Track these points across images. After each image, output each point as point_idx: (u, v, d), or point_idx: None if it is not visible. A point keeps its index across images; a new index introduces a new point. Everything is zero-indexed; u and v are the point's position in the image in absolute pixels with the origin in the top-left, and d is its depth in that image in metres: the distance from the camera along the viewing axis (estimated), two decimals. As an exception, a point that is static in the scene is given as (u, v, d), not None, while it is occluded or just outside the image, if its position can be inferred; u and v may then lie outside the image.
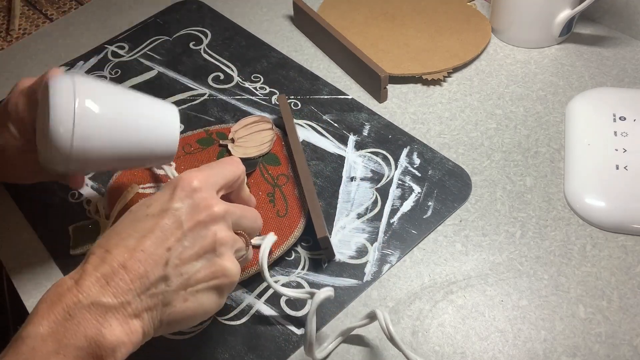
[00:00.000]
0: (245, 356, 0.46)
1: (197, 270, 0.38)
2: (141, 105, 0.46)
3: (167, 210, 0.39)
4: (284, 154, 0.58)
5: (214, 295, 0.40)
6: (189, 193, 0.39)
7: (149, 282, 0.37)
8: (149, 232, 0.38)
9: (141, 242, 0.37)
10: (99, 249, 0.38)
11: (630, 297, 0.46)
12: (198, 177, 0.40)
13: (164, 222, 0.38)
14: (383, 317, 0.42)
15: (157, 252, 0.37)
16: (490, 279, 0.48)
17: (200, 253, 0.39)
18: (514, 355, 0.44)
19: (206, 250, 0.39)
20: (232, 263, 0.40)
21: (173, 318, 0.38)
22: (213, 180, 0.41)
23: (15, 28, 0.83)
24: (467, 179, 0.55)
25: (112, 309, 0.35)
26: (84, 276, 0.36)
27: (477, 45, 0.67)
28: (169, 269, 0.37)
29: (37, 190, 0.59)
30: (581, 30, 0.68)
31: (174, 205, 0.39)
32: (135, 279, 0.36)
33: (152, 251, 0.37)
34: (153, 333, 0.38)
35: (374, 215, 0.53)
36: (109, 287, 0.36)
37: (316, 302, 0.42)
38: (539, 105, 0.61)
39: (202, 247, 0.39)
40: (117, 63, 0.72)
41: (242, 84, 0.68)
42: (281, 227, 0.52)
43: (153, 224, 0.38)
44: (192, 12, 0.79)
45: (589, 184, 0.52)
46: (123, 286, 0.36)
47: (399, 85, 0.65)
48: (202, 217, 0.39)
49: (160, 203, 0.39)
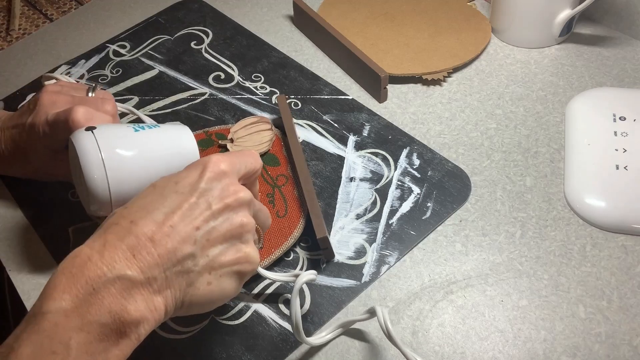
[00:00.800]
0: (242, 356, 0.46)
1: (222, 254, 0.38)
2: (158, 137, 0.48)
3: (197, 190, 0.38)
4: (284, 155, 0.58)
5: (235, 281, 0.40)
6: (218, 175, 0.39)
7: (176, 259, 0.36)
8: (177, 208, 0.37)
9: (170, 217, 0.36)
10: (122, 219, 0.36)
11: (630, 297, 0.46)
12: (226, 161, 0.40)
13: (193, 200, 0.38)
14: (382, 313, 0.42)
15: (185, 230, 0.36)
16: (490, 279, 0.48)
17: (227, 237, 0.38)
18: (514, 355, 0.44)
19: (233, 235, 0.39)
20: (255, 250, 0.41)
21: (195, 300, 0.38)
22: (237, 167, 0.41)
23: (15, 28, 0.83)
24: (467, 180, 0.55)
25: (138, 284, 0.34)
26: (108, 247, 0.34)
27: (477, 45, 0.67)
28: (197, 248, 0.37)
29: (37, 190, 0.59)
30: (581, 30, 0.68)
31: (203, 185, 0.38)
32: (164, 254, 0.35)
33: (181, 228, 0.36)
34: (173, 313, 0.37)
35: (373, 216, 0.53)
36: (136, 261, 0.34)
37: (299, 284, 0.43)
38: (539, 105, 0.61)
39: (230, 231, 0.38)
40: (119, 62, 0.73)
41: (243, 84, 0.68)
42: (281, 228, 0.52)
43: (182, 201, 0.37)
44: (193, 12, 0.79)
45: (589, 184, 0.52)
46: (150, 260, 0.35)
47: (399, 85, 0.65)
48: (230, 201, 0.39)
49: (189, 181, 0.39)
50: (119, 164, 0.45)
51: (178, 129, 0.51)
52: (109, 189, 0.44)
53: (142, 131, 0.48)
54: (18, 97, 0.70)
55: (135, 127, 0.48)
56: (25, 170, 0.57)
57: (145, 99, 0.67)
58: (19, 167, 0.57)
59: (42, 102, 0.51)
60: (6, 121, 0.54)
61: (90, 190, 0.44)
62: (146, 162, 0.46)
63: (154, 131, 0.49)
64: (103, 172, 0.44)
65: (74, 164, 0.47)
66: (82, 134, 0.45)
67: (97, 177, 0.44)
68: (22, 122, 0.52)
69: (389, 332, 0.41)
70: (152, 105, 0.66)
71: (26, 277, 0.53)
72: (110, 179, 0.44)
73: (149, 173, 0.46)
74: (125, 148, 0.45)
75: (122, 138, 0.46)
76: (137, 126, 0.48)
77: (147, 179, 0.47)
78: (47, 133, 0.50)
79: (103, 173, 0.44)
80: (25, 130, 0.52)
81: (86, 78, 0.71)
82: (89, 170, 0.44)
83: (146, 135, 0.48)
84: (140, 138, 0.47)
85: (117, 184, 0.44)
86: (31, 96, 0.69)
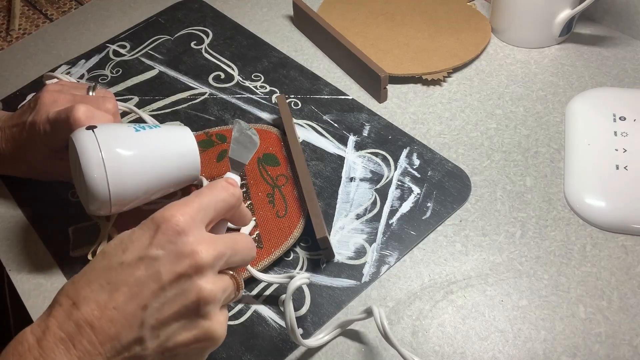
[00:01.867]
0: (242, 356, 0.46)
1: (176, 333, 0.34)
2: (158, 137, 0.49)
3: (144, 259, 0.33)
4: (284, 155, 0.58)
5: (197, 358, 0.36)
6: (172, 237, 0.34)
7: (120, 346, 0.32)
8: (122, 285, 0.33)
9: (113, 297, 0.33)
10: (65, 299, 0.33)
11: (630, 297, 0.46)
12: (184, 214, 0.35)
13: (140, 272, 0.33)
14: (379, 313, 0.42)
15: (130, 311, 0.32)
16: (490, 279, 0.48)
17: (182, 312, 0.33)
18: (514, 355, 0.44)
19: (189, 310, 0.33)
20: (219, 323, 0.35)
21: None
22: (202, 215, 0.36)
23: (15, 28, 0.83)
24: (467, 180, 0.55)
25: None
26: (48, 335, 0.32)
27: (477, 45, 0.67)
28: (145, 330, 0.33)
29: (37, 190, 0.59)
30: (581, 30, 0.68)
31: (153, 252, 0.33)
32: (105, 341, 0.32)
33: (124, 309, 0.32)
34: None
35: (373, 216, 0.53)
36: (75, 351, 0.32)
37: (291, 289, 0.43)
38: (539, 105, 0.61)
39: (184, 306, 0.33)
40: (119, 62, 0.73)
41: (243, 83, 0.68)
42: (280, 228, 0.52)
43: (127, 275, 0.33)
44: (193, 12, 0.79)
45: (589, 184, 0.52)
46: (90, 349, 0.32)
47: (399, 85, 0.65)
48: (185, 268, 0.33)
49: (137, 248, 0.34)
50: (119, 163, 0.45)
51: (179, 130, 0.51)
52: (109, 188, 0.44)
53: (142, 131, 0.48)
54: (18, 97, 0.70)
55: (136, 127, 0.48)
56: (25, 169, 0.57)
57: (145, 98, 0.67)
58: (19, 167, 0.57)
59: (43, 101, 0.51)
60: (6, 120, 0.54)
61: (89, 189, 0.44)
62: (146, 162, 0.46)
63: (154, 131, 0.49)
64: (103, 171, 0.44)
65: (74, 163, 0.47)
66: (82, 132, 0.45)
67: (97, 176, 0.44)
68: (22, 120, 0.52)
69: (386, 332, 0.41)
70: (152, 105, 0.66)
71: (26, 277, 0.53)
72: (110, 179, 0.44)
73: (149, 173, 0.47)
74: (125, 148, 0.45)
75: (122, 138, 0.46)
76: (137, 126, 0.48)
77: (147, 179, 0.47)
78: (47, 131, 0.50)
79: (103, 172, 0.44)
80: (26, 129, 0.52)
81: (86, 78, 0.71)
82: (89, 170, 0.44)
83: (147, 135, 0.48)
84: (140, 138, 0.47)
85: (117, 184, 0.45)
86: (32, 96, 0.69)
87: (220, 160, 0.58)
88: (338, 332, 0.46)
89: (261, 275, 0.46)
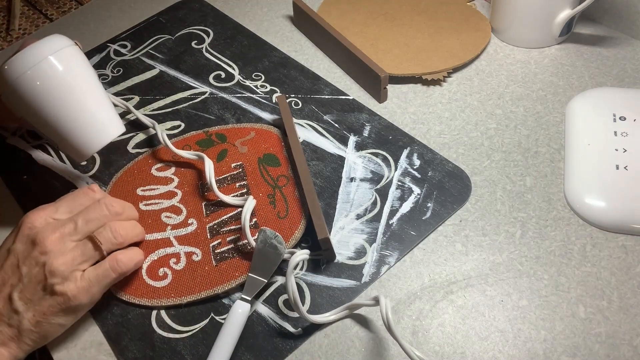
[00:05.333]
0: (242, 356, 0.46)
1: (40, 302, 0.44)
2: (92, 100, 0.52)
3: (10, 251, 0.45)
4: (284, 155, 0.58)
5: (68, 317, 0.46)
6: (27, 232, 0.45)
7: (1, 315, 0.44)
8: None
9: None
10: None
11: (630, 297, 0.46)
12: (38, 217, 0.46)
13: (7, 263, 0.45)
14: (385, 303, 0.42)
15: (3, 290, 0.44)
16: (490, 279, 0.48)
17: (38, 287, 0.44)
18: (514, 355, 0.44)
19: (41, 283, 0.44)
20: (73, 287, 0.45)
21: (38, 339, 0.45)
22: (56, 214, 0.47)
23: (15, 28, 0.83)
24: (467, 181, 0.55)
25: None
26: None
27: (477, 45, 0.67)
28: (16, 303, 0.44)
29: (37, 190, 0.59)
30: (581, 30, 0.68)
31: (15, 246, 0.45)
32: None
33: (0, 288, 0.44)
34: (23, 355, 0.45)
35: (373, 216, 0.53)
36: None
37: (293, 263, 0.44)
38: (539, 105, 0.61)
39: (38, 282, 0.44)
40: (119, 61, 0.73)
41: (243, 82, 0.68)
42: (282, 229, 0.52)
43: (0, 263, 0.45)
44: (194, 12, 0.79)
45: (589, 184, 0.52)
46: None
47: (399, 85, 0.65)
48: (35, 253, 0.44)
49: (6, 244, 0.46)
50: (48, 74, 0.49)
51: (112, 121, 0.53)
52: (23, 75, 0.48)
53: (93, 84, 0.52)
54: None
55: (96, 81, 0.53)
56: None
57: (146, 98, 0.67)
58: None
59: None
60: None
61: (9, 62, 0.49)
62: (65, 96, 0.50)
63: (101, 94, 0.53)
64: (33, 64, 0.49)
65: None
66: (60, 36, 0.52)
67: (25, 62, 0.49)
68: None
69: (389, 322, 0.41)
70: (152, 104, 0.66)
71: (27, 277, 0.53)
72: (30, 71, 0.48)
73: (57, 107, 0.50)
74: (67, 73, 0.50)
75: (76, 68, 0.51)
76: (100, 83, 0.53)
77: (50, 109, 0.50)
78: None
79: (32, 64, 0.48)
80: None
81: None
82: (26, 52, 0.49)
83: (90, 87, 0.51)
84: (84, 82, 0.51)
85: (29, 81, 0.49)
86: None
87: (220, 161, 0.58)
88: (345, 313, 0.46)
89: (224, 196, 0.53)
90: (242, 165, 0.58)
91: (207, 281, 0.50)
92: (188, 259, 0.51)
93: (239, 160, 0.58)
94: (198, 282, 0.50)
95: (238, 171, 0.57)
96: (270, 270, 0.48)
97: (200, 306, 0.49)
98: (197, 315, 0.49)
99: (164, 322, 0.48)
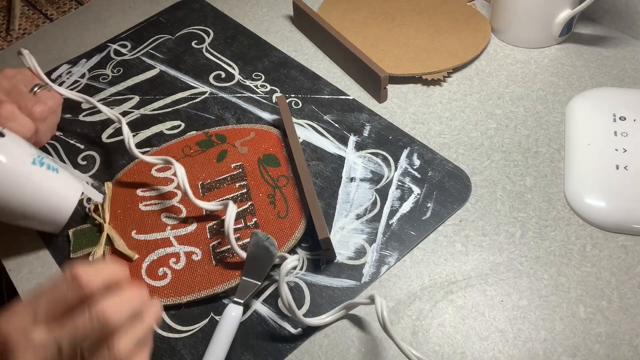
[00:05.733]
0: (242, 356, 0.46)
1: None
2: (42, 179, 0.50)
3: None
4: (284, 155, 0.58)
5: None
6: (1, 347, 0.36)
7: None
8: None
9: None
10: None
11: (630, 297, 0.46)
12: (12, 324, 0.36)
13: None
14: (380, 302, 0.42)
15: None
16: (490, 279, 0.48)
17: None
18: (514, 355, 0.44)
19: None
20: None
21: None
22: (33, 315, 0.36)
23: (15, 28, 0.83)
24: (467, 181, 0.55)
25: None
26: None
27: (477, 45, 0.67)
28: None
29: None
30: (581, 30, 0.68)
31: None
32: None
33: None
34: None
35: (373, 216, 0.53)
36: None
37: (284, 270, 0.45)
38: (539, 105, 0.61)
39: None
40: (120, 61, 0.73)
41: (243, 82, 0.68)
42: (282, 229, 0.52)
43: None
44: (194, 11, 0.79)
45: (589, 184, 0.52)
46: None
47: (399, 85, 0.65)
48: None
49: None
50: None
51: (69, 186, 0.52)
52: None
53: (36, 167, 0.49)
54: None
55: (38, 159, 0.50)
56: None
57: (146, 98, 0.67)
58: None
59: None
60: None
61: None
62: (12, 192, 0.48)
63: (46, 173, 0.50)
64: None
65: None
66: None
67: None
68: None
69: (384, 320, 0.42)
70: (153, 104, 0.66)
71: (26, 277, 0.53)
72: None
73: (9, 202, 0.49)
74: (8, 167, 0.48)
75: (15, 159, 0.48)
76: (40, 159, 0.50)
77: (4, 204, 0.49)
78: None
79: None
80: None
81: (87, 77, 0.71)
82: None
83: (36, 171, 0.49)
84: (28, 170, 0.49)
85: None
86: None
87: (220, 161, 0.58)
88: (342, 314, 0.46)
89: (200, 202, 0.52)
90: (242, 166, 0.58)
91: (207, 281, 0.50)
92: (188, 258, 0.51)
93: (239, 160, 0.58)
94: (198, 281, 0.50)
95: (238, 171, 0.57)
96: (263, 272, 0.48)
97: (200, 306, 0.49)
98: (196, 315, 0.49)
99: (163, 321, 0.48)
